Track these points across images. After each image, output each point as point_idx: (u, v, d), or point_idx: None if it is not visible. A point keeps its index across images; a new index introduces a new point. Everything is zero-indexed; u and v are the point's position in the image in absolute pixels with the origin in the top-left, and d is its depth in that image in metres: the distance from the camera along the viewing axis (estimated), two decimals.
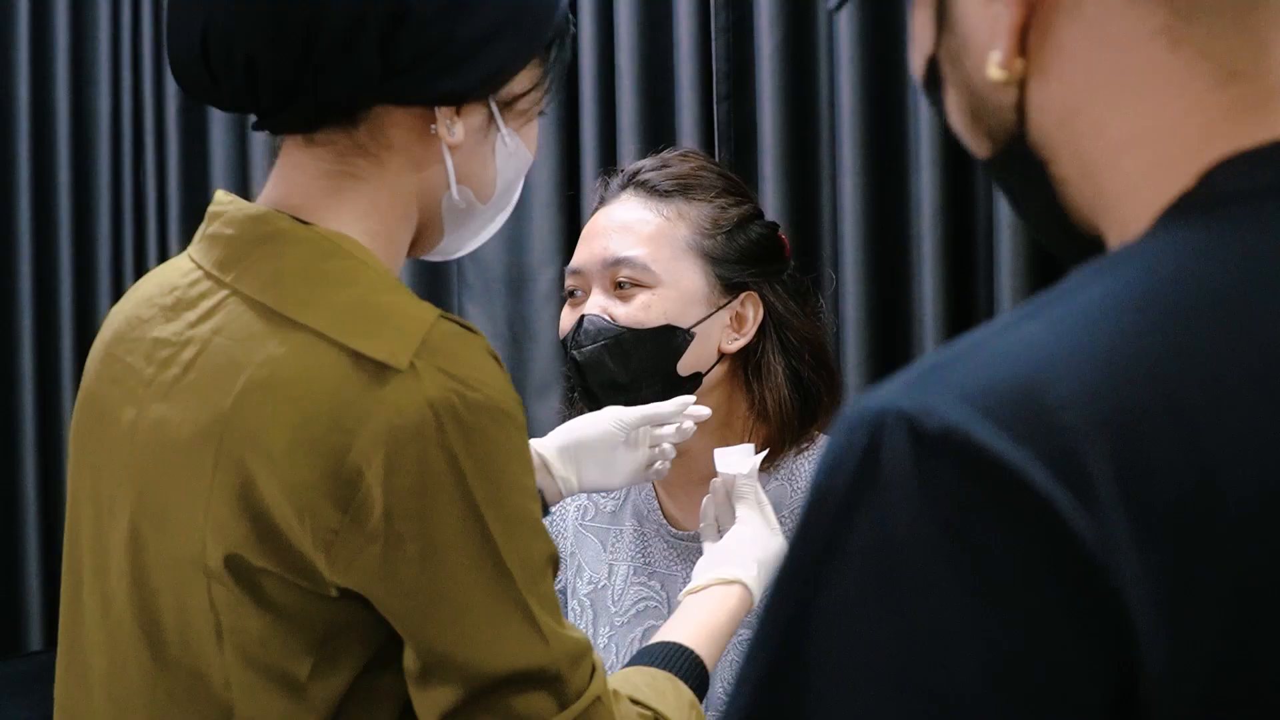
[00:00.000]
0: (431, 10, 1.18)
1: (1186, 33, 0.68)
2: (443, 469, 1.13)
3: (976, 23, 0.73)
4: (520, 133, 1.30)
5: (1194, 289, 0.62)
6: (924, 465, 0.58)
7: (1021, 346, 0.61)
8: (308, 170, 1.25)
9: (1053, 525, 0.56)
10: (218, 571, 1.16)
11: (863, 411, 0.61)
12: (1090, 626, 0.56)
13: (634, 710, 1.27)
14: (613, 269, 1.73)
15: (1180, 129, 0.68)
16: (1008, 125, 0.74)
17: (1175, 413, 0.58)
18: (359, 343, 1.14)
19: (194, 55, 1.21)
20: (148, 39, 3.04)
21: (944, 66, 0.77)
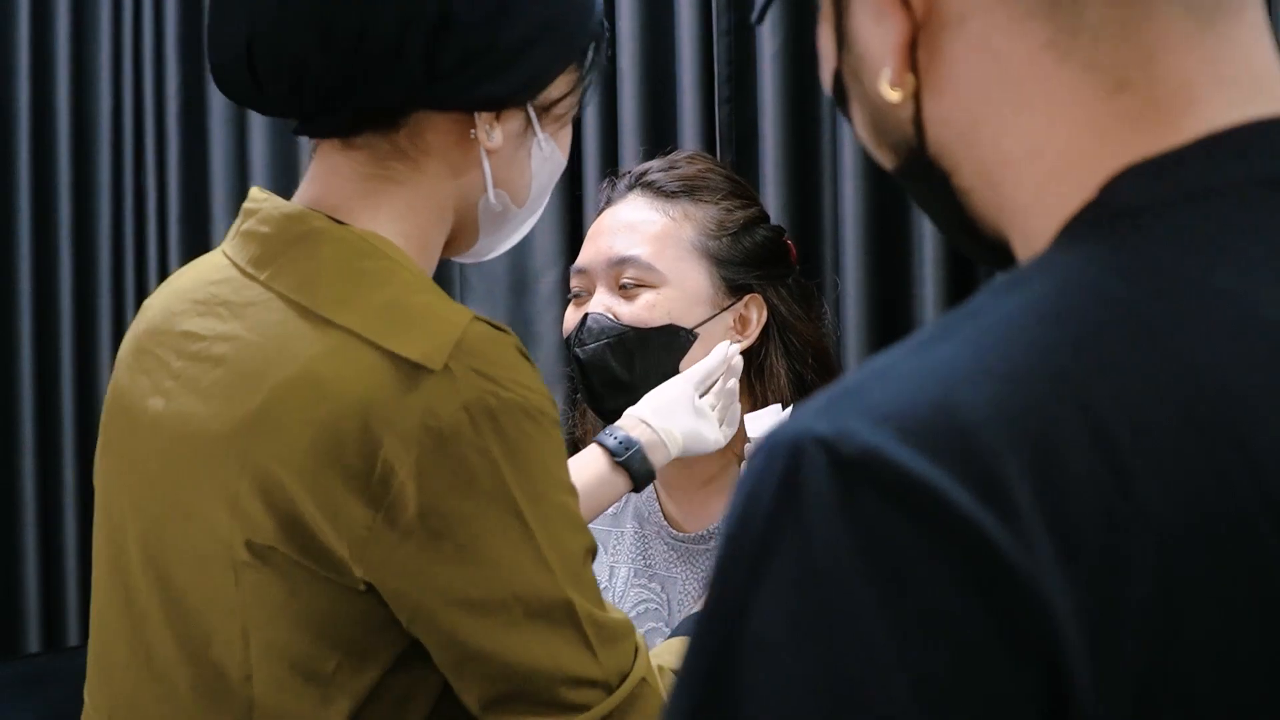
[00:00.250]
0: (475, 17, 1.19)
1: (1072, 46, 0.68)
2: (479, 469, 1.13)
3: (869, 40, 0.74)
4: (555, 137, 1.32)
5: (1102, 303, 0.62)
6: (843, 489, 0.57)
7: (934, 367, 0.61)
8: (345, 173, 1.25)
9: (978, 544, 0.56)
10: (245, 564, 1.17)
11: (779, 438, 0.60)
12: (1020, 645, 0.56)
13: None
14: (617, 268, 1.73)
15: (1074, 139, 0.68)
16: (908, 139, 0.74)
17: (1090, 428, 0.58)
18: (394, 343, 1.15)
19: (239, 61, 1.22)
20: (148, 39, 3.04)
21: (847, 82, 0.77)
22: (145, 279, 3.06)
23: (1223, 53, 0.68)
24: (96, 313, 3.09)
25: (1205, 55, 0.68)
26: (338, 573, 1.15)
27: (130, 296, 3.08)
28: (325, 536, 1.14)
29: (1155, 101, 0.67)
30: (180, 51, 3.00)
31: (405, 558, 1.14)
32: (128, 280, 3.08)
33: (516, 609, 1.16)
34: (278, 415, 1.16)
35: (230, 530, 1.17)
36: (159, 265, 3.03)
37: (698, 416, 1.63)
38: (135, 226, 3.07)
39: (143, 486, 1.25)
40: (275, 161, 2.92)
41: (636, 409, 1.62)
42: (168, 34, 3.01)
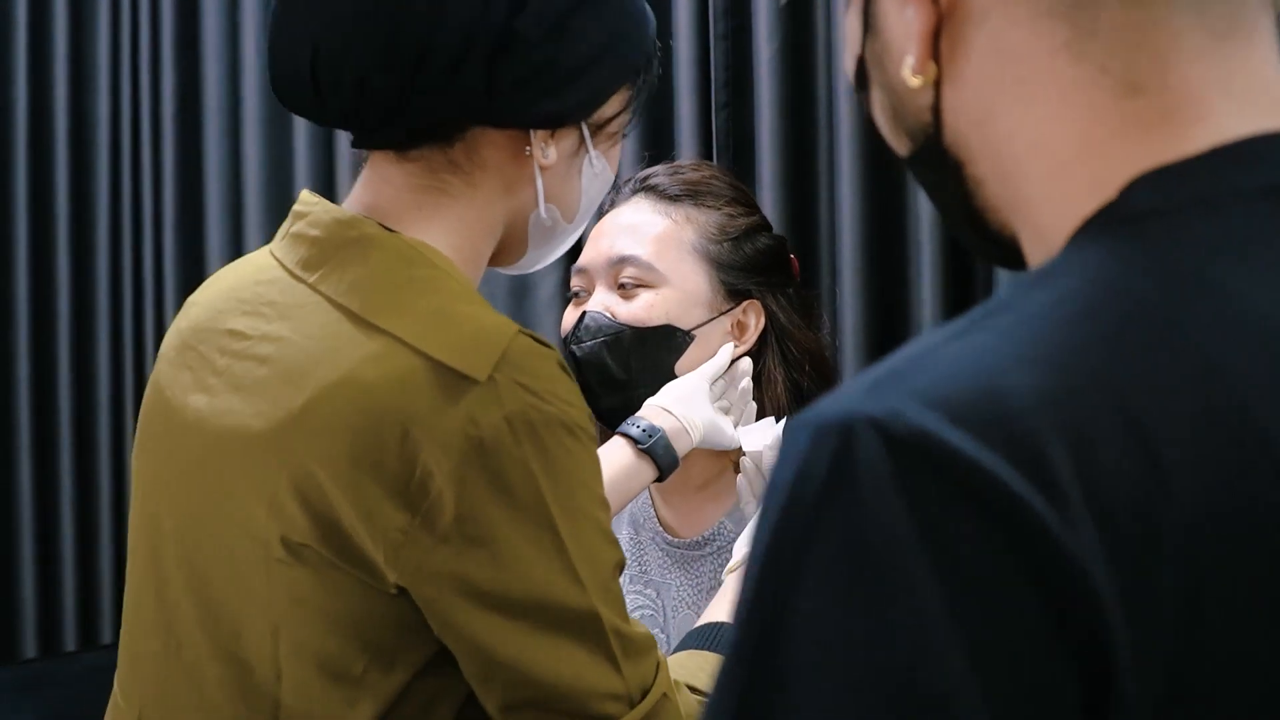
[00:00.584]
0: (537, 35, 1.21)
1: (1088, 48, 0.70)
2: (517, 480, 1.15)
3: (894, 27, 0.76)
4: (606, 154, 1.34)
5: (1129, 301, 0.65)
6: (898, 469, 0.59)
7: (974, 354, 0.63)
8: (398, 183, 1.27)
9: (1029, 525, 0.58)
10: (279, 562, 1.18)
11: (827, 417, 0.62)
12: (1069, 622, 0.58)
13: (693, 699, 1.29)
14: (617, 267, 1.73)
15: (1084, 137, 0.71)
16: (925, 126, 0.77)
17: (1125, 419, 0.61)
18: (439, 351, 1.16)
19: (302, 73, 1.23)
20: (145, 43, 3.04)
21: (869, 68, 0.80)
22: (141, 282, 3.06)
23: (1234, 66, 0.70)
24: (94, 316, 3.09)
25: (1217, 67, 0.70)
26: (371, 575, 1.16)
27: (128, 300, 3.08)
28: (360, 538, 1.15)
29: (1167, 108, 0.70)
30: (176, 55, 3.01)
31: (439, 563, 1.15)
32: (125, 284, 3.08)
33: (545, 618, 1.17)
34: (320, 416, 1.17)
35: (266, 528, 1.18)
36: (154, 269, 3.03)
37: (715, 410, 1.65)
38: (133, 230, 3.07)
39: (181, 481, 1.26)
40: (269, 165, 2.93)
41: (657, 399, 1.64)
42: (164, 38, 3.01)
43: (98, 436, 3.10)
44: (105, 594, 3.10)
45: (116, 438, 3.11)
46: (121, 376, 3.10)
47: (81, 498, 3.10)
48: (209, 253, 2.99)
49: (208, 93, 2.99)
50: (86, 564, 3.10)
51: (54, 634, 3.10)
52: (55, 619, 3.10)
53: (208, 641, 1.22)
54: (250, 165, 2.93)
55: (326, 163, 2.87)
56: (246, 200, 2.94)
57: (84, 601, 3.11)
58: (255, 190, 2.93)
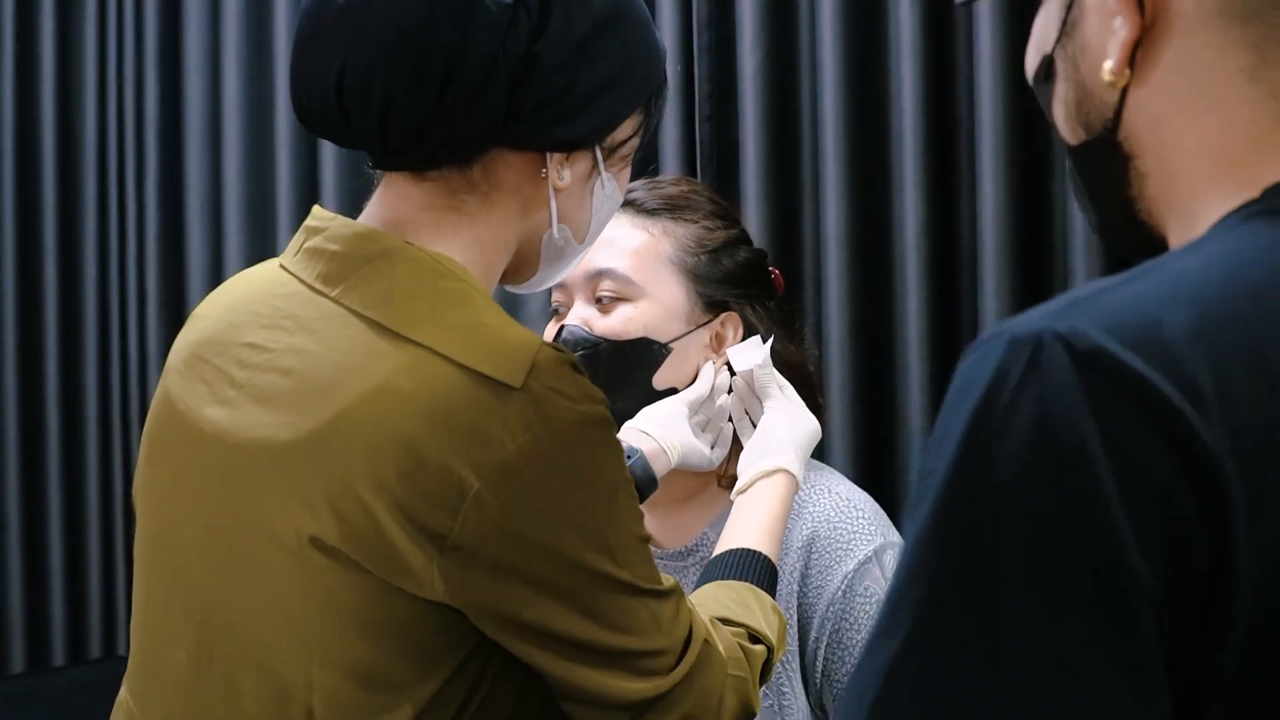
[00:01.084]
0: (558, 60, 1.24)
1: (1264, 75, 0.85)
2: (558, 476, 1.20)
3: (1096, 34, 0.90)
4: (617, 176, 1.37)
5: (1266, 269, 0.80)
6: (1081, 375, 0.74)
7: (1138, 296, 0.78)
8: (416, 201, 1.29)
9: (1182, 427, 0.74)
10: (311, 571, 1.20)
11: (1020, 331, 0.77)
12: (1208, 503, 0.73)
13: (728, 631, 1.37)
14: (595, 280, 1.73)
15: (1246, 146, 0.86)
16: (1105, 120, 0.91)
17: (1255, 358, 0.77)
18: (474, 361, 1.19)
19: (327, 95, 1.25)
20: (130, 57, 3.05)
21: (1059, 65, 0.93)
22: (126, 294, 3.06)
23: None
24: (82, 328, 3.09)
25: None
26: (408, 582, 1.18)
27: (115, 313, 3.08)
28: (400, 546, 1.17)
29: None
30: (158, 69, 3.01)
31: (481, 564, 1.19)
32: (112, 296, 3.08)
33: (593, 587, 1.23)
34: (355, 426, 1.19)
35: (297, 538, 1.20)
36: (137, 281, 3.04)
37: (693, 432, 1.67)
38: (118, 242, 3.07)
39: (202, 493, 1.27)
40: (250, 178, 2.93)
41: (635, 422, 1.66)
42: (147, 51, 3.02)
43: (86, 451, 3.10)
44: (93, 609, 3.10)
45: (104, 451, 3.11)
46: (109, 390, 3.10)
47: (69, 512, 3.10)
48: (190, 265, 2.99)
49: (189, 106, 2.99)
50: (74, 578, 3.10)
51: (42, 649, 3.10)
52: (43, 634, 3.09)
53: (239, 652, 1.23)
54: (231, 178, 2.93)
55: (309, 176, 2.88)
56: (227, 213, 2.94)
57: (72, 617, 3.10)
58: (236, 203, 2.94)
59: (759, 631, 1.41)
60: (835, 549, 1.69)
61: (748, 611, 1.42)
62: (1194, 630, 0.74)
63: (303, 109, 1.30)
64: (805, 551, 1.70)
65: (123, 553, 3.08)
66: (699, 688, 1.29)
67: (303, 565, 1.20)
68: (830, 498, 1.74)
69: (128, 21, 3.05)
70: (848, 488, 1.77)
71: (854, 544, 1.69)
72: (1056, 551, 0.73)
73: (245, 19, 2.94)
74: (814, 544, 1.70)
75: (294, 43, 1.30)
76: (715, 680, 1.31)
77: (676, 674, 1.27)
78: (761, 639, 1.41)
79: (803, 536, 1.70)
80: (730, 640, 1.36)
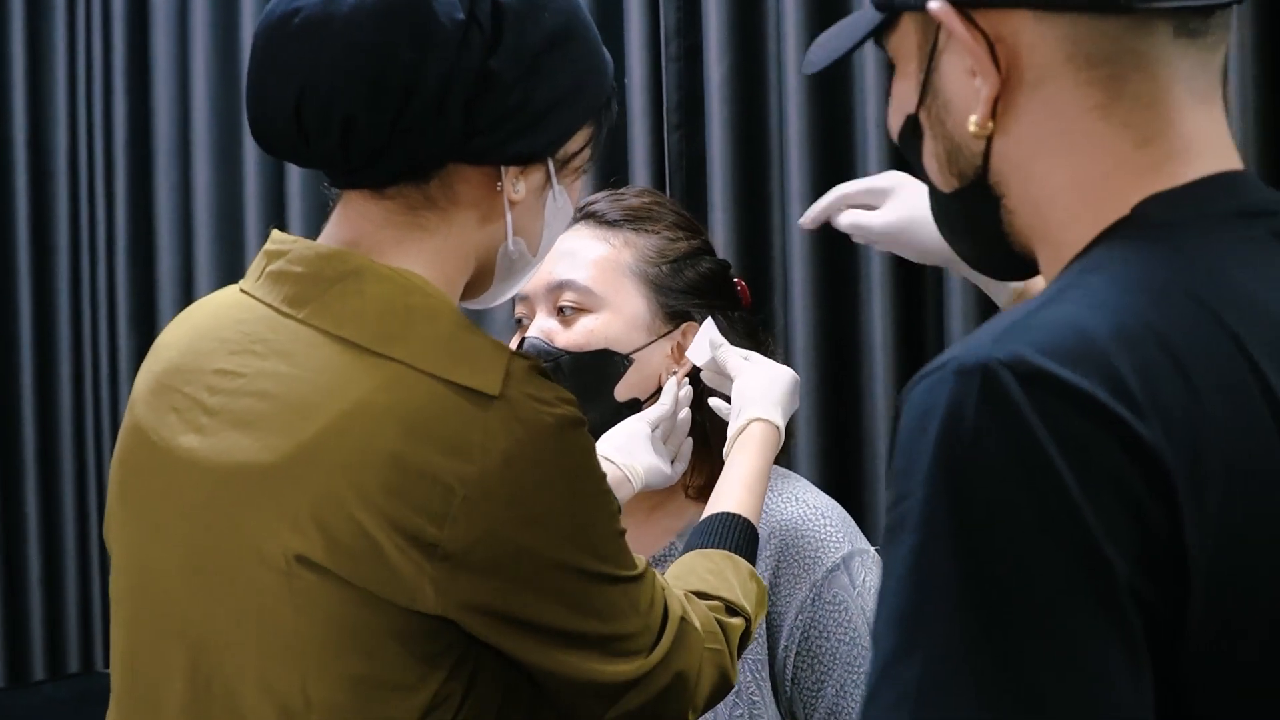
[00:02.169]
0: (512, 75, 1.26)
1: (1114, 109, 0.94)
2: (540, 478, 1.23)
3: (958, 93, 0.99)
4: (569, 189, 1.39)
5: (1162, 282, 0.90)
6: (1029, 395, 0.83)
7: (1062, 317, 0.87)
8: (376, 219, 1.30)
9: (1120, 425, 0.83)
10: (302, 588, 1.21)
11: (963, 362, 0.85)
12: (1156, 487, 0.83)
13: (704, 606, 1.41)
14: (556, 292, 1.74)
15: (1108, 176, 0.95)
16: (976, 168, 1.00)
17: (1171, 358, 0.86)
18: (451, 373, 1.22)
19: (286, 116, 1.26)
20: (99, 73, 3.04)
21: (925, 123, 1.02)
22: (97, 310, 3.06)
23: (1209, 123, 0.96)
24: (56, 344, 3.08)
25: (1200, 124, 0.96)
26: (399, 594, 1.20)
27: (87, 328, 3.08)
28: (390, 559, 1.19)
29: (1169, 153, 0.95)
30: (126, 85, 3.01)
31: (470, 570, 1.21)
32: (84, 312, 3.08)
33: (578, 582, 1.27)
34: (338, 443, 1.20)
35: (285, 558, 1.21)
36: (108, 296, 3.03)
37: (655, 453, 1.68)
38: (90, 258, 3.07)
39: (183, 522, 1.27)
40: (219, 193, 2.93)
41: (599, 448, 1.65)
42: (115, 67, 3.02)
43: (61, 465, 3.09)
44: (71, 623, 3.09)
45: (79, 466, 3.10)
46: (83, 404, 3.09)
47: (46, 527, 3.09)
48: (160, 280, 2.99)
49: (158, 121, 2.99)
50: (52, 593, 3.10)
51: (20, 664, 3.09)
52: (22, 649, 3.09)
53: (238, 676, 1.24)
54: (200, 192, 2.94)
55: (276, 190, 2.88)
56: (197, 227, 2.95)
57: (51, 632, 3.10)
58: (206, 217, 2.94)
59: (735, 603, 1.44)
60: (803, 557, 1.70)
61: (724, 583, 1.46)
62: (1165, 599, 0.83)
63: (261, 131, 1.31)
64: (774, 560, 1.70)
65: (99, 567, 3.07)
66: (677, 664, 1.33)
67: (292, 585, 1.21)
68: (798, 505, 1.74)
69: (95, 36, 3.04)
70: (815, 495, 1.77)
71: (822, 552, 1.70)
72: (1043, 554, 0.82)
73: (213, 33, 2.94)
74: (782, 552, 1.70)
75: (250, 65, 1.30)
76: (693, 656, 1.35)
77: (656, 654, 1.31)
78: (739, 610, 1.44)
79: (771, 545, 1.70)
80: (706, 614, 1.39)
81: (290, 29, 1.25)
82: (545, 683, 1.29)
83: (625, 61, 2.49)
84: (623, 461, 1.64)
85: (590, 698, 1.30)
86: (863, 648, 1.67)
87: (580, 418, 1.26)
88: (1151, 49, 0.94)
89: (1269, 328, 0.90)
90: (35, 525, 3.08)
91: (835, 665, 1.67)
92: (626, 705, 1.31)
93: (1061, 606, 0.82)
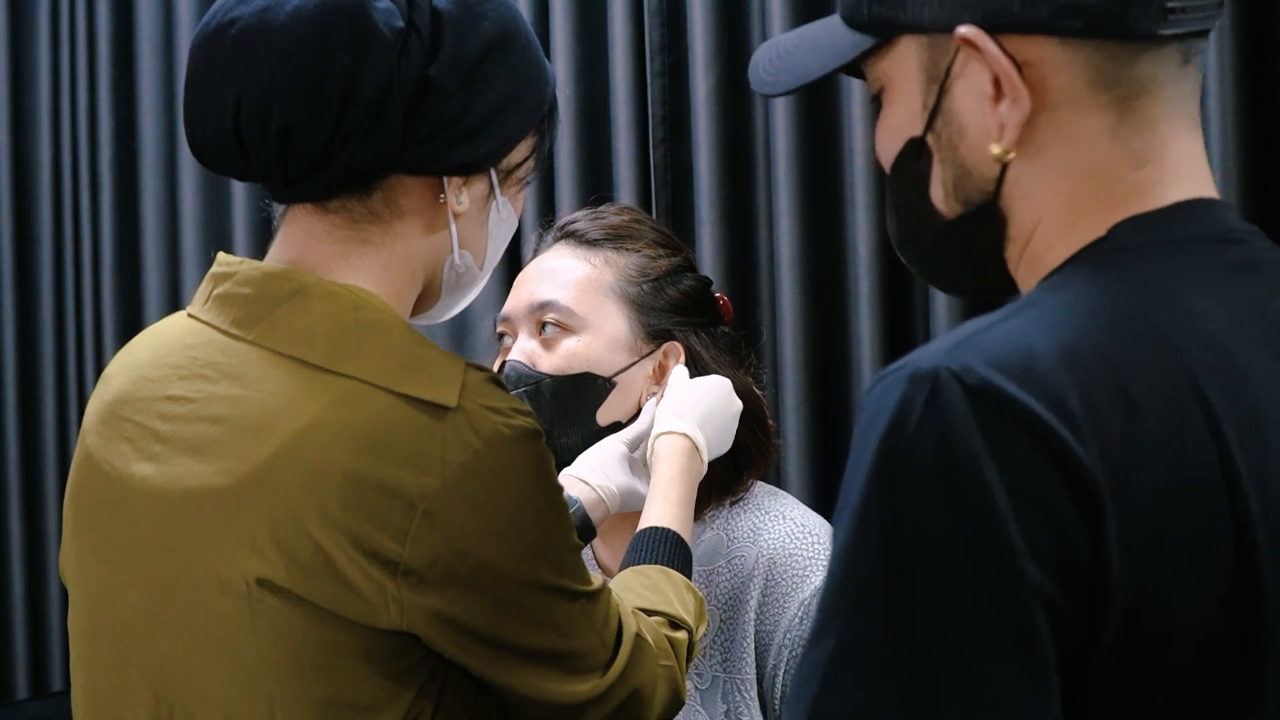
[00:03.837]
0: (452, 83, 1.26)
1: (1120, 132, 0.97)
2: (499, 490, 1.22)
3: (974, 115, 0.99)
4: (513, 201, 1.38)
5: (1117, 305, 0.93)
6: (972, 405, 0.86)
7: (1014, 333, 0.91)
8: (320, 235, 1.29)
9: (1058, 443, 0.86)
10: (263, 611, 1.20)
11: (917, 367, 0.89)
12: (1084, 506, 0.86)
13: (652, 622, 1.42)
14: (538, 313, 1.73)
15: (1102, 196, 0.98)
16: (986, 193, 1.00)
17: (1117, 385, 0.89)
18: (406, 386, 1.21)
19: (224, 127, 1.25)
20: (83, 88, 3.03)
21: (932, 147, 1.02)
22: (82, 327, 3.05)
23: (1193, 149, 1.00)
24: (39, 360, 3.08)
25: (1187, 149, 0.99)
26: (362, 613, 1.19)
27: (71, 346, 3.07)
28: (351, 578, 1.18)
29: (1160, 176, 0.98)
30: (112, 100, 3.00)
31: (431, 584, 1.20)
32: (69, 330, 3.07)
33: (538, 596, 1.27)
34: (294, 462, 1.19)
35: (245, 582, 1.20)
36: (94, 313, 3.02)
37: (632, 473, 1.67)
38: (74, 275, 3.06)
39: (139, 550, 1.26)
40: (206, 209, 2.92)
41: (573, 469, 1.65)
42: (100, 82, 3.01)
43: (45, 483, 3.08)
44: (55, 641, 3.08)
45: (63, 483, 3.09)
46: (67, 420, 3.08)
47: (30, 545, 3.08)
48: (146, 296, 2.98)
49: (144, 136, 2.98)
50: (36, 611, 3.08)
51: (5, 682, 3.08)
52: (6, 667, 3.08)
53: (201, 706, 1.23)
54: (186, 210, 2.93)
55: (262, 206, 2.86)
56: (183, 244, 2.94)
57: (34, 649, 3.09)
58: (192, 235, 2.93)
59: (677, 617, 1.45)
60: (792, 575, 1.69)
61: (662, 597, 1.46)
62: (1081, 615, 0.86)
63: (199, 144, 1.30)
64: (762, 578, 1.70)
65: None
66: (633, 680, 1.33)
67: (254, 609, 1.20)
68: (786, 524, 1.74)
69: (80, 51, 3.04)
70: (803, 513, 1.77)
71: (810, 570, 1.69)
72: (959, 564, 0.85)
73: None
74: (771, 570, 1.70)
75: (187, 78, 1.29)
76: (648, 672, 1.35)
77: (613, 671, 1.31)
78: (681, 624, 1.45)
79: (760, 563, 1.70)
80: (656, 630, 1.40)
81: (226, 40, 1.25)
82: (508, 700, 1.29)
83: (610, 77, 2.49)
84: (597, 483, 1.63)
85: (551, 715, 1.30)
86: None
87: (537, 429, 1.25)
88: (1160, 73, 0.97)
89: (1218, 354, 0.93)
90: (19, 544, 3.07)
91: None
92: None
93: (968, 615, 0.85)
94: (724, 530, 1.76)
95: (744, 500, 1.78)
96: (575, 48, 2.52)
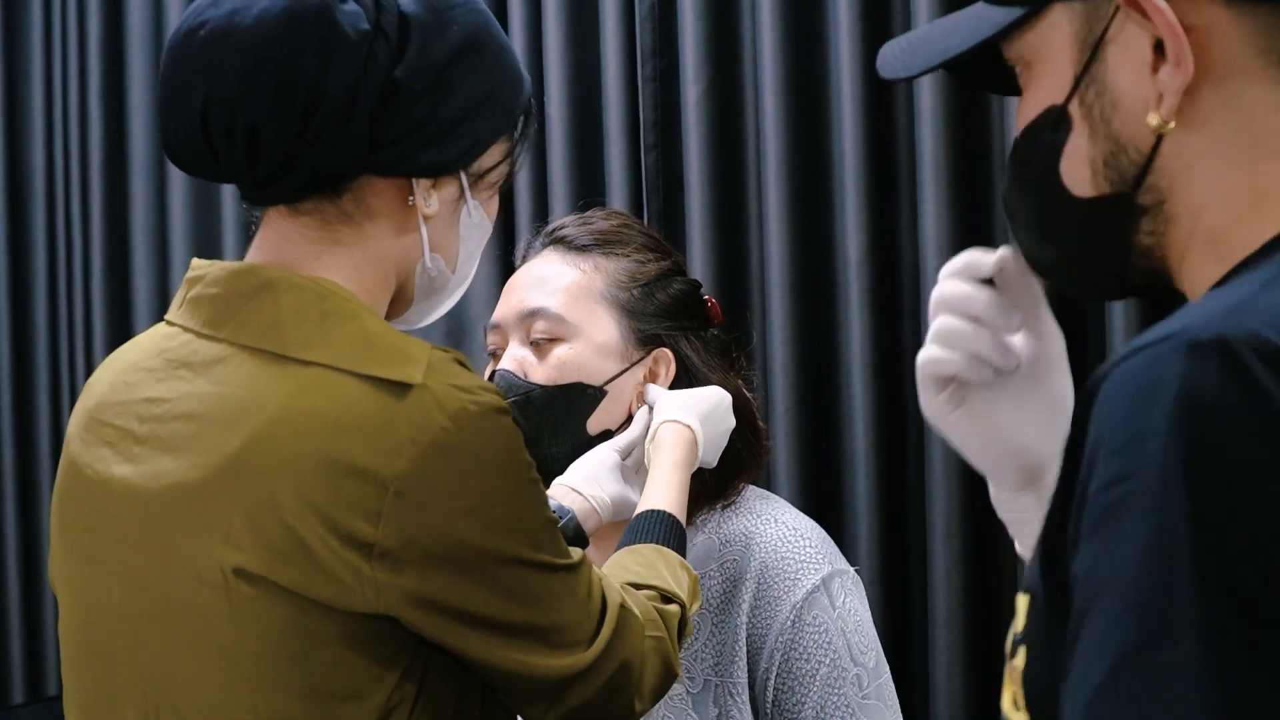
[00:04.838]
0: (418, 87, 1.27)
1: None
2: (469, 467, 1.23)
3: (1131, 84, 0.92)
4: (485, 205, 1.39)
5: None
6: (1268, 366, 0.78)
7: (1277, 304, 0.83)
8: (293, 236, 1.31)
9: None
10: (241, 601, 1.21)
11: (1195, 335, 0.80)
12: None
13: (641, 595, 1.41)
14: (528, 321, 1.73)
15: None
16: (1136, 167, 0.93)
17: None
18: (371, 368, 1.22)
19: (193, 127, 1.27)
20: (74, 93, 3.04)
21: (1076, 118, 0.95)
22: (74, 332, 3.05)
23: None
24: (33, 365, 3.08)
25: None
26: (340, 597, 1.20)
27: (64, 350, 3.08)
28: (326, 563, 1.19)
29: None
30: (102, 105, 3.01)
31: (406, 564, 1.21)
32: (61, 337, 3.07)
33: (515, 571, 1.26)
34: (265, 450, 1.21)
35: (222, 573, 1.21)
36: (84, 318, 3.03)
37: (624, 482, 1.67)
38: (66, 279, 3.07)
39: (119, 550, 1.28)
40: (195, 213, 2.93)
41: (565, 478, 1.65)
42: (91, 88, 3.01)
43: (40, 487, 3.09)
44: (50, 647, 3.08)
45: None
46: (60, 425, 3.08)
47: (26, 550, 3.09)
48: (136, 301, 2.99)
49: (134, 141, 2.99)
50: (32, 616, 3.09)
51: (1, 687, 3.08)
52: (2, 672, 3.08)
53: (186, 701, 1.24)
54: (176, 215, 2.93)
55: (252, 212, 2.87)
56: (173, 250, 2.95)
57: (30, 654, 3.09)
58: (181, 240, 2.94)
59: (669, 591, 1.45)
60: (783, 579, 1.69)
61: (655, 573, 1.46)
62: None
63: (170, 145, 1.31)
64: (754, 581, 1.70)
65: None
66: (621, 653, 1.33)
67: (232, 600, 1.21)
68: (777, 527, 1.73)
69: (71, 57, 3.04)
70: (794, 516, 1.77)
71: (802, 573, 1.69)
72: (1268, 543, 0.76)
73: None
74: (762, 574, 1.69)
75: (159, 80, 1.31)
76: (635, 645, 1.34)
77: (598, 644, 1.31)
78: (673, 598, 1.45)
79: (752, 567, 1.70)
80: (644, 603, 1.40)
81: (195, 42, 1.26)
82: (492, 680, 1.29)
83: (601, 82, 2.49)
84: (590, 492, 1.63)
85: (535, 693, 1.30)
86: (842, 669, 1.67)
87: (504, 405, 1.25)
88: None
89: None
90: (14, 548, 3.07)
91: (815, 686, 1.66)
92: (571, 700, 1.30)
93: None
94: (715, 534, 1.76)
95: (735, 504, 1.77)
96: (567, 53, 2.53)
